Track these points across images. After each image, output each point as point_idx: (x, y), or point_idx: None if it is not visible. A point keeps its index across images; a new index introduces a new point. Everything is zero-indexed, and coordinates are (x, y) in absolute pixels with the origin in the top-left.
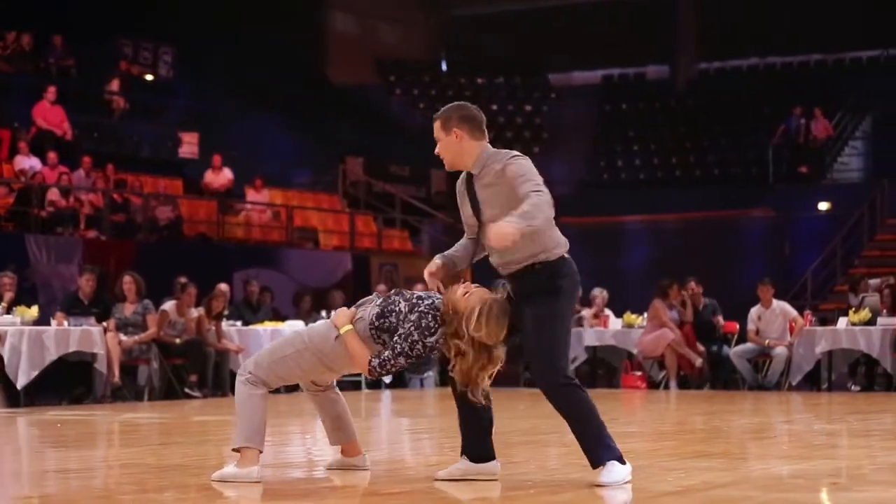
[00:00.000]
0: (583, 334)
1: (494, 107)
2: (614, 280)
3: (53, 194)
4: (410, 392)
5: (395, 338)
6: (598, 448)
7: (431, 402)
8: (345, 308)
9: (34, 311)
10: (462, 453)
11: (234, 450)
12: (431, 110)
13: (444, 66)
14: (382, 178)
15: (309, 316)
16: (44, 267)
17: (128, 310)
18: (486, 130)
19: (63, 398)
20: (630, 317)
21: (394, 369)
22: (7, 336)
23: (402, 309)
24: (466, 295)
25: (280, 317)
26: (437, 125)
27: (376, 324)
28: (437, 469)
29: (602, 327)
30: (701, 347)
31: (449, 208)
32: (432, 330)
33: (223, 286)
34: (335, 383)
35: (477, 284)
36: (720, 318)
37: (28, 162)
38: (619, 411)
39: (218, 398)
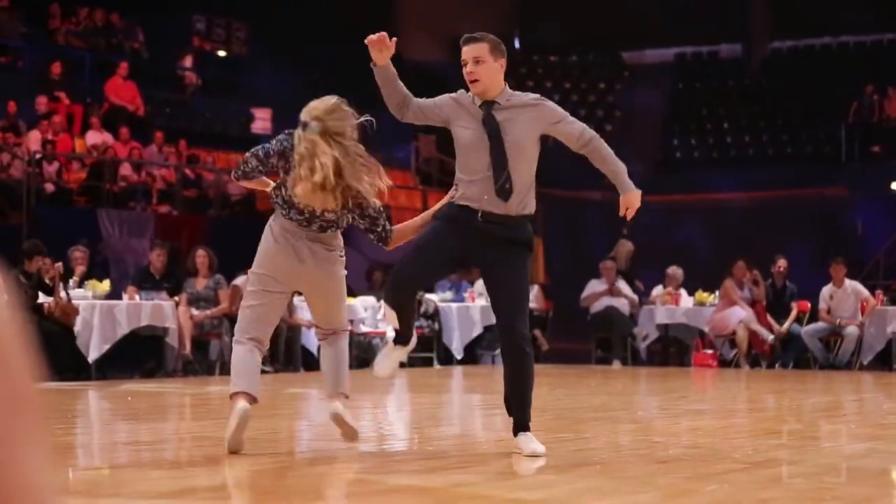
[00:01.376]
0: (654, 312)
1: (568, 85)
2: (688, 258)
3: (125, 169)
4: (482, 368)
5: None
6: (527, 416)
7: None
8: None
9: (106, 285)
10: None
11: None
12: None
13: (516, 44)
14: (454, 156)
15: (381, 291)
16: (116, 241)
17: (200, 284)
18: None
19: (134, 372)
20: (702, 295)
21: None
22: (80, 309)
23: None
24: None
25: (351, 292)
26: (483, 47)
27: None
28: (508, 443)
29: (674, 305)
30: (775, 326)
31: None
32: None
33: None
34: (344, 329)
35: None
36: (793, 304)
37: (100, 137)
38: (689, 389)
39: (289, 373)
